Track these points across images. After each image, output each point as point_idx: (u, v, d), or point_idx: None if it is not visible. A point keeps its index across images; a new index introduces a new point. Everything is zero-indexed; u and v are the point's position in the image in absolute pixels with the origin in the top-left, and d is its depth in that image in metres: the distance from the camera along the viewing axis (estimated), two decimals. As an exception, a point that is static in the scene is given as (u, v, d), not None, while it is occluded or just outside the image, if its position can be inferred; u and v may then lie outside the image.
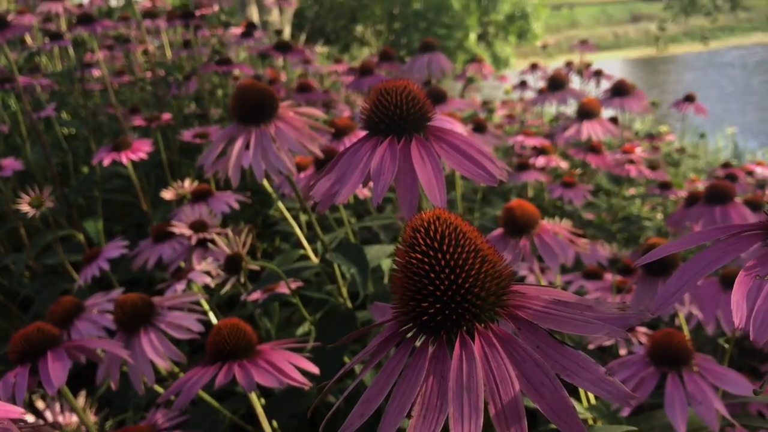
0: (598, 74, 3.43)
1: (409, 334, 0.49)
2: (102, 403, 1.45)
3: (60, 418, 1.30)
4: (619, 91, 2.27)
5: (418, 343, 0.48)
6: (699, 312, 1.17)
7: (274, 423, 1.23)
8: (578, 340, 1.61)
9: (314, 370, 0.97)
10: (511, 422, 0.42)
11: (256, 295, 1.50)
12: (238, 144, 1.06)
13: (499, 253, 0.51)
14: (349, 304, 1.30)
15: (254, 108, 1.07)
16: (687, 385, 0.89)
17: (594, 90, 3.47)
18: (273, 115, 1.08)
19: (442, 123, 0.77)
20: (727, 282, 1.14)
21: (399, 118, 0.66)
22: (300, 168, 1.67)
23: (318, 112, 1.17)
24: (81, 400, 1.31)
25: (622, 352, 1.49)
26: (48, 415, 1.28)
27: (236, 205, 1.72)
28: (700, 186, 2.78)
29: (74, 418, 1.30)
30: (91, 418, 1.31)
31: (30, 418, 1.26)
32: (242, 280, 1.19)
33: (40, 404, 1.30)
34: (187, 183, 1.81)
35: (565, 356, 0.45)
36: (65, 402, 1.30)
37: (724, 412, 0.86)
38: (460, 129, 0.93)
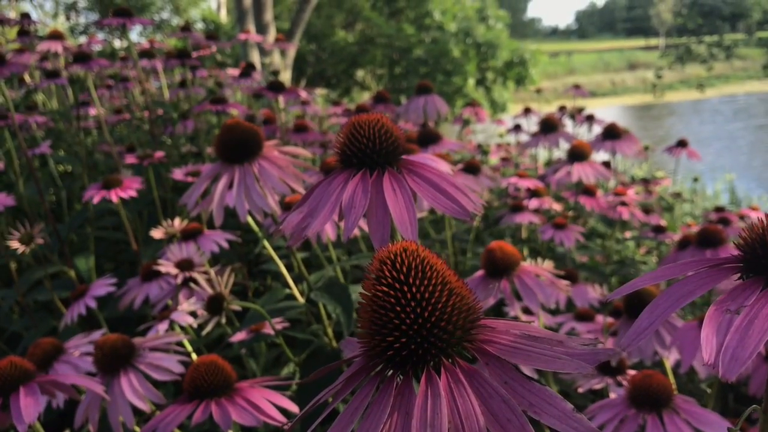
0: (590, 119, 3.46)
1: (376, 370, 0.48)
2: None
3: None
4: (611, 134, 2.28)
5: (384, 379, 0.47)
6: (679, 355, 1.16)
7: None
8: (570, 383, 1.59)
9: (293, 408, 0.95)
10: (474, 459, 0.41)
11: (241, 336, 1.48)
12: (222, 183, 1.06)
13: (473, 290, 0.50)
14: (335, 344, 1.28)
15: (238, 147, 1.07)
16: (667, 426, 0.87)
17: (586, 134, 3.49)
18: (257, 153, 1.08)
19: (423, 159, 0.77)
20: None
21: (371, 152, 0.66)
22: (288, 207, 1.67)
23: (303, 152, 1.17)
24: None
25: (613, 395, 1.47)
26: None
27: (226, 245, 1.71)
28: (696, 230, 2.78)
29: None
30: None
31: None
32: (223, 320, 1.18)
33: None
34: (177, 222, 1.81)
35: (532, 392, 0.44)
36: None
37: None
38: (445, 167, 0.92)
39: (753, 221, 0.45)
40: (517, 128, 3.96)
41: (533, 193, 2.45)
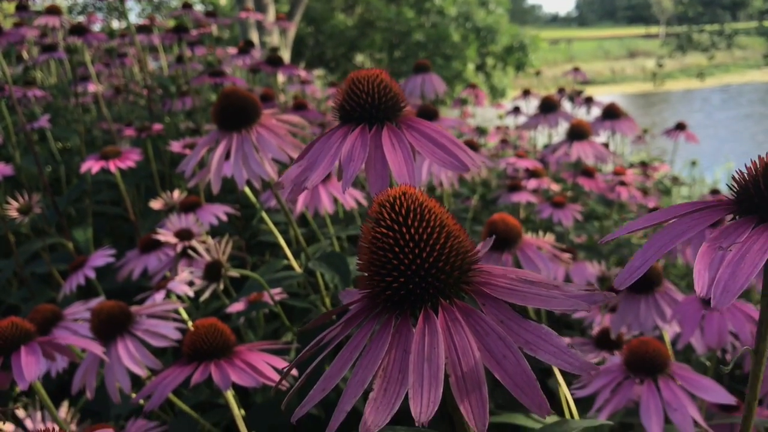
0: (589, 100, 3.46)
1: (375, 311, 0.49)
2: (85, 415, 1.43)
3: (41, 427, 1.27)
4: (611, 114, 2.29)
5: (382, 319, 0.48)
6: (679, 328, 1.17)
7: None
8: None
9: (292, 372, 0.96)
10: (471, 391, 0.42)
11: (239, 306, 1.49)
12: (219, 150, 1.06)
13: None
14: (332, 314, 1.28)
15: (236, 114, 1.07)
16: (663, 392, 0.88)
17: (585, 116, 3.49)
18: (255, 121, 1.08)
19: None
20: (708, 300, 1.13)
21: (371, 106, 0.66)
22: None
23: (301, 120, 1.17)
24: (63, 411, 1.29)
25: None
26: (29, 424, 1.26)
27: (224, 217, 1.72)
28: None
29: (56, 427, 1.28)
30: (72, 427, 1.29)
31: (10, 428, 1.24)
32: (221, 287, 1.18)
33: (20, 413, 1.28)
34: (176, 194, 1.81)
35: (528, 330, 0.44)
36: (47, 412, 1.27)
37: (699, 419, 0.85)
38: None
39: (747, 165, 0.46)
40: (516, 110, 3.96)
41: (532, 174, 2.45)
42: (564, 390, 1.01)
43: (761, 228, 0.42)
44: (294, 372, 0.97)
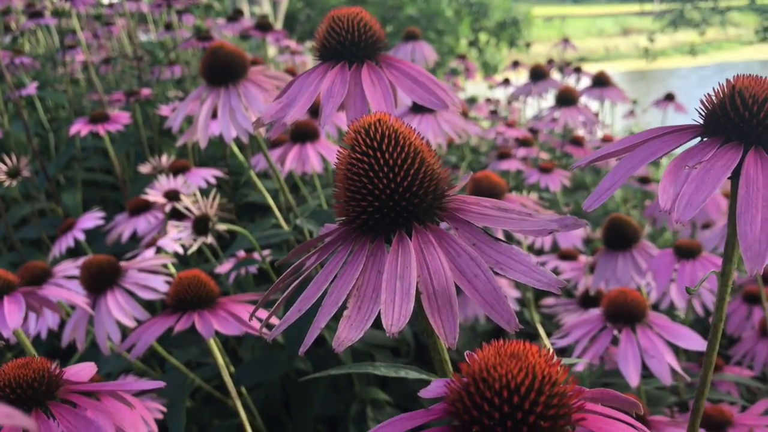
0: (578, 70, 3.46)
1: (350, 237, 0.50)
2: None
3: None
4: (600, 81, 2.29)
5: (358, 243, 0.48)
6: (654, 281, 1.18)
7: (243, 390, 1.23)
8: (550, 317, 1.62)
9: (276, 321, 0.97)
10: (442, 306, 0.43)
11: (228, 266, 1.49)
12: (207, 104, 1.06)
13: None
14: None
15: (223, 68, 1.07)
16: (640, 339, 0.90)
17: (574, 86, 3.49)
18: (242, 76, 1.08)
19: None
20: (681, 253, 1.15)
21: (350, 44, 0.67)
22: (276, 144, 1.67)
23: (289, 78, 1.17)
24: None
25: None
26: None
27: (213, 180, 1.72)
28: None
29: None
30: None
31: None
32: (209, 240, 1.19)
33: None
34: (164, 158, 1.81)
35: (499, 252, 0.45)
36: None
37: (676, 366, 0.87)
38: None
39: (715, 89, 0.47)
40: (506, 82, 3.95)
41: (521, 142, 2.46)
42: (544, 340, 1.03)
43: (726, 147, 0.43)
44: (276, 321, 0.98)
